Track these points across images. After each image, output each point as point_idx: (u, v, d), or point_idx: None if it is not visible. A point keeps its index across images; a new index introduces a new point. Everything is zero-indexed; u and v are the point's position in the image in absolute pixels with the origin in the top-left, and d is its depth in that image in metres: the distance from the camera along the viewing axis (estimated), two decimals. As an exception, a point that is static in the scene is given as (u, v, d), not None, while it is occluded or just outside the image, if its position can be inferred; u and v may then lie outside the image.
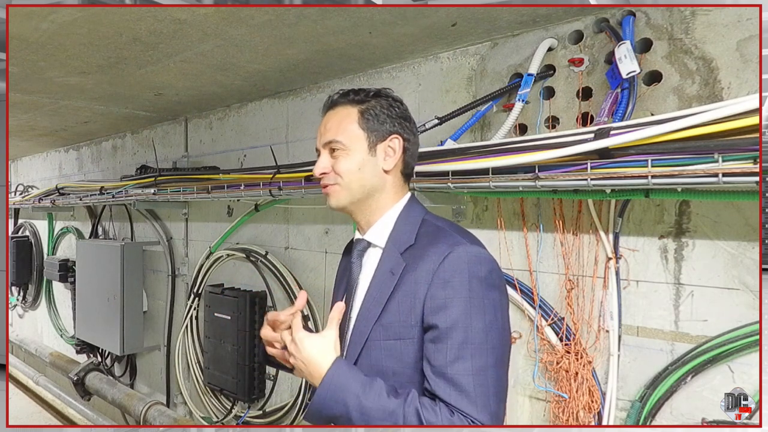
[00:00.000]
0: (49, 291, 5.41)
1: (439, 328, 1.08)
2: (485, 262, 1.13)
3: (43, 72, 2.45)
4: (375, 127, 1.22)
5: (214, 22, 1.85)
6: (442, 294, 1.09)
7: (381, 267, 1.20)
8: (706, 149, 1.27)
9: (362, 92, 1.25)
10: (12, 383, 4.99)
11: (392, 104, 1.25)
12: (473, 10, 1.76)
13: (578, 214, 1.79)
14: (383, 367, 1.14)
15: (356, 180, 1.21)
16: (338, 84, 2.56)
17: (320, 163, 1.24)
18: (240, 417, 3.08)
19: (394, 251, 1.19)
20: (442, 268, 1.10)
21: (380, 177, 1.23)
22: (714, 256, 1.54)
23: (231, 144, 3.20)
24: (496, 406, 1.06)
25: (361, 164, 1.21)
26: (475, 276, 1.09)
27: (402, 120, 1.25)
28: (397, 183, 1.26)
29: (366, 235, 1.26)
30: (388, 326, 1.15)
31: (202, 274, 3.35)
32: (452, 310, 1.08)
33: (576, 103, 1.78)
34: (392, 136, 1.23)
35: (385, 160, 1.23)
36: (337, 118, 1.23)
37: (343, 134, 1.21)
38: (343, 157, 1.21)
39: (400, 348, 1.13)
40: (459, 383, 1.05)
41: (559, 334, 1.82)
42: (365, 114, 1.22)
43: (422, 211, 1.26)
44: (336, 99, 1.26)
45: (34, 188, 5.37)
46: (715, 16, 1.51)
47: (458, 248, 1.12)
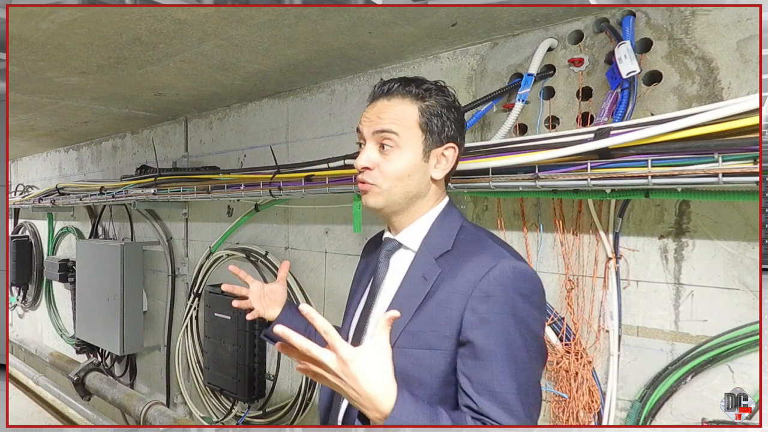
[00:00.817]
0: (49, 291, 5.41)
1: (480, 343, 1.02)
2: (530, 280, 1.08)
3: (43, 72, 2.45)
4: (434, 131, 1.12)
5: (214, 22, 1.85)
6: (484, 308, 1.03)
7: (412, 272, 1.13)
8: (706, 149, 1.28)
9: (424, 85, 1.13)
10: (12, 383, 4.99)
11: (452, 105, 1.16)
12: (473, 10, 1.76)
13: (578, 214, 1.79)
14: (408, 376, 1.05)
15: (401, 186, 1.12)
16: (338, 84, 2.56)
17: (366, 154, 1.12)
18: (240, 417, 3.08)
19: (429, 256, 1.12)
20: (486, 281, 1.03)
21: (426, 185, 1.15)
22: (714, 256, 1.54)
23: (231, 144, 3.20)
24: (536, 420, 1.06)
25: (411, 169, 1.11)
26: (519, 293, 1.04)
27: (460, 126, 1.17)
28: (440, 189, 1.19)
29: (398, 236, 1.18)
30: (418, 334, 1.07)
31: (202, 274, 3.35)
32: (495, 326, 1.02)
33: (576, 103, 1.78)
34: (449, 144, 1.14)
35: (436, 168, 1.14)
36: (396, 111, 1.11)
37: (402, 129, 1.10)
38: (395, 156, 1.10)
39: (430, 358, 1.06)
40: (506, 402, 1.01)
41: (559, 334, 1.82)
42: (425, 113, 1.12)
43: (460, 217, 1.20)
44: (394, 87, 1.13)
45: (34, 188, 5.37)
46: (715, 16, 1.51)
47: (504, 262, 1.05)
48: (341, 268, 2.58)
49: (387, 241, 1.21)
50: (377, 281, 1.19)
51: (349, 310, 1.28)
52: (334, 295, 2.62)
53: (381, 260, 1.19)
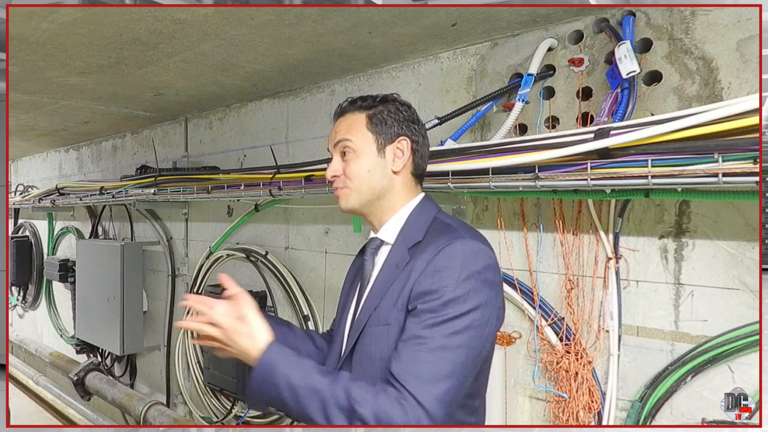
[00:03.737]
0: (49, 291, 5.41)
1: (417, 308, 1.10)
2: (482, 257, 1.14)
3: (43, 72, 2.45)
4: (383, 130, 1.26)
5: (214, 22, 1.85)
6: (429, 281, 1.11)
7: (388, 261, 1.23)
8: (706, 149, 1.27)
9: (369, 98, 1.29)
10: (12, 383, 4.99)
11: (399, 108, 1.29)
12: (473, 10, 1.76)
13: (578, 214, 1.79)
14: (371, 353, 1.17)
15: (365, 182, 1.24)
16: (338, 84, 2.56)
17: (332, 165, 1.28)
18: (240, 417, 3.08)
19: (403, 246, 1.21)
20: (437, 258, 1.12)
21: (389, 178, 1.26)
22: (714, 256, 1.54)
23: (231, 144, 3.20)
24: (443, 390, 1.04)
25: (370, 167, 1.24)
26: (468, 268, 1.10)
27: (410, 123, 1.29)
28: (408, 184, 1.29)
29: (379, 233, 1.28)
30: (379, 312, 1.18)
31: (202, 274, 3.35)
32: (434, 295, 1.09)
33: (576, 103, 1.78)
34: (400, 138, 1.26)
35: (394, 162, 1.26)
36: (347, 123, 1.28)
37: (353, 135, 1.25)
38: (353, 160, 1.25)
39: (387, 333, 1.15)
40: (412, 358, 1.05)
41: (559, 334, 1.82)
42: (373, 118, 1.26)
43: (435, 209, 1.28)
44: (345, 107, 1.31)
45: (34, 188, 5.37)
46: (715, 16, 1.51)
47: (456, 241, 1.13)
48: (341, 268, 2.58)
49: (371, 240, 1.30)
50: (365, 278, 1.28)
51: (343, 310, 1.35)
52: (334, 295, 2.62)
53: (367, 258, 1.29)
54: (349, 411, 1.02)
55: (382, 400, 1.02)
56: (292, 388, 1.06)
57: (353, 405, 1.02)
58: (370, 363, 1.16)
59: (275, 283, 2.89)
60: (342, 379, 1.06)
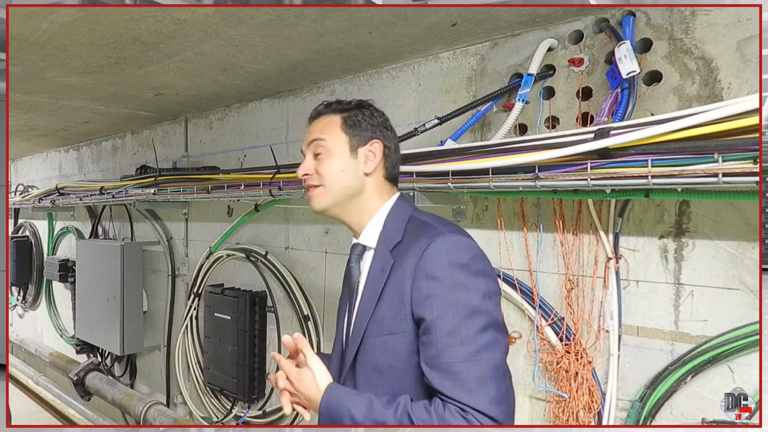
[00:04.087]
0: (49, 291, 5.41)
1: (428, 318, 1.09)
2: (465, 248, 1.14)
3: (43, 72, 2.45)
4: (356, 133, 1.27)
5: (214, 22, 1.85)
6: (426, 285, 1.11)
7: (374, 265, 1.23)
8: (706, 149, 1.27)
9: (345, 102, 1.31)
10: (12, 383, 4.99)
11: (373, 114, 1.31)
12: (473, 10, 1.76)
13: (578, 214, 1.79)
14: (379, 363, 1.16)
15: (338, 181, 1.25)
16: (338, 84, 2.56)
17: (304, 164, 1.29)
18: (240, 417, 3.08)
19: (384, 249, 1.22)
20: (423, 259, 1.12)
21: (361, 179, 1.27)
22: (714, 256, 1.54)
23: (231, 144, 3.20)
24: (495, 390, 1.05)
25: (343, 166, 1.25)
26: (456, 264, 1.11)
27: (382, 128, 1.30)
28: (381, 186, 1.29)
29: (360, 238, 1.29)
30: (380, 322, 1.17)
31: (202, 274, 3.35)
32: (436, 300, 1.09)
33: (576, 103, 1.78)
34: (373, 141, 1.28)
35: (366, 164, 1.27)
36: (321, 124, 1.30)
37: (327, 135, 1.27)
38: (326, 159, 1.26)
39: (393, 342, 1.15)
40: (452, 371, 1.06)
41: (559, 334, 1.82)
42: (347, 120, 1.28)
43: (409, 208, 1.29)
44: (320, 109, 1.33)
45: (34, 188, 5.37)
46: (715, 16, 1.51)
47: (437, 239, 1.13)
48: (341, 268, 2.56)
49: (354, 247, 1.31)
50: (352, 285, 1.28)
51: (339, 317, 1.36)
52: (334, 295, 2.62)
53: (352, 265, 1.30)
54: None
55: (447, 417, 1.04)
56: (358, 423, 1.09)
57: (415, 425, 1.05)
58: (378, 374, 1.16)
59: (275, 283, 2.89)
60: (403, 405, 1.08)
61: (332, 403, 1.13)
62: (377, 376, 1.16)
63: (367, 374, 1.19)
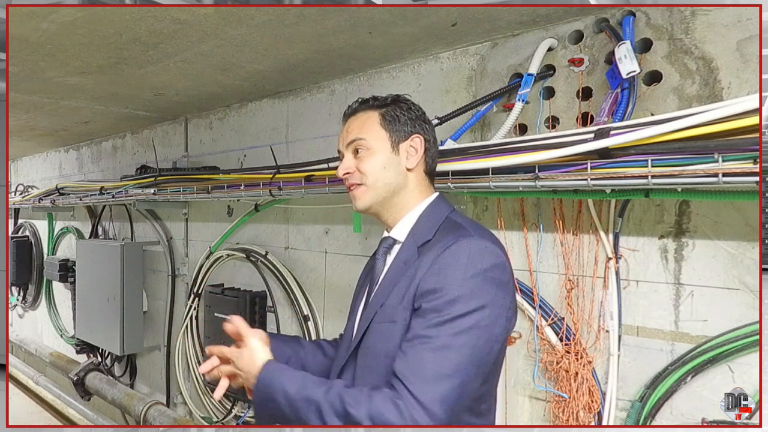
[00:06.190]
0: (49, 291, 5.41)
1: (421, 308, 1.10)
2: (488, 255, 1.12)
3: (43, 72, 2.45)
4: (396, 128, 1.26)
5: (214, 22, 1.85)
6: (434, 279, 1.10)
7: (397, 259, 1.23)
8: (706, 149, 1.27)
9: (381, 98, 1.30)
10: (12, 383, 4.99)
11: (411, 107, 1.30)
12: (473, 10, 1.76)
13: (578, 214, 1.79)
14: (377, 349, 1.17)
15: (381, 179, 1.24)
16: (338, 84, 2.56)
17: (344, 163, 1.28)
18: (240, 417, 3.08)
19: (412, 245, 1.21)
20: (443, 255, 1.12)
21: (403, 175, 1.26)
22: (714, 256, 1.54)
23: (231, 144, 3.20)
24: (448, 389, 1.02)
25: (385, 163, 1.24)
26: (473, 266, 1.09)
27: (421, 122, 1.30)
28: (421, 182, 1.29)
29: (392, 232, 1.28)
30: (386, 309, 1.18)
31: (202, 274, 3.35)
32: (438, 294, 1.08)
33: (576, 103, 1.78)
34: (414, 135, 1.27)
35: (408, 159, 1.26)
36: (359, 121, 1.28)
37: (367, 133, 1.25)
38: (368, 157, 1.24)
39: (392, 330, 1.15)
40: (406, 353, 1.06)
41: (559, 334, 1.82)
42: (386, 116, 1.27)
43: (447, 209, 1.27)
44: (356, 107, 1.31)
45: (34, 188, 5.37)
46: (715, 16, 1.51)
47: (462, 240, 1.13)
48: (341, 268, 2.58)
49: (384, 240, 1.30)
50: (375, 276, 1.27)
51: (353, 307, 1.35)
52: (334, 295, 2.62)
53: (378, 257, 1.30)
54: (344, 414, 1.04)
55: (377, 401, 1.02)
56: (290, 400, 1.09)
57: (347, 408, 1.03)
58: (376, 359, 1.16)
59: (275, 283, 2.89)
60: (336, 386, 1.08)
61: (267, 377, 1.14)
62: (374, 361, 1.17)
63: (366, 359, 1.19)
